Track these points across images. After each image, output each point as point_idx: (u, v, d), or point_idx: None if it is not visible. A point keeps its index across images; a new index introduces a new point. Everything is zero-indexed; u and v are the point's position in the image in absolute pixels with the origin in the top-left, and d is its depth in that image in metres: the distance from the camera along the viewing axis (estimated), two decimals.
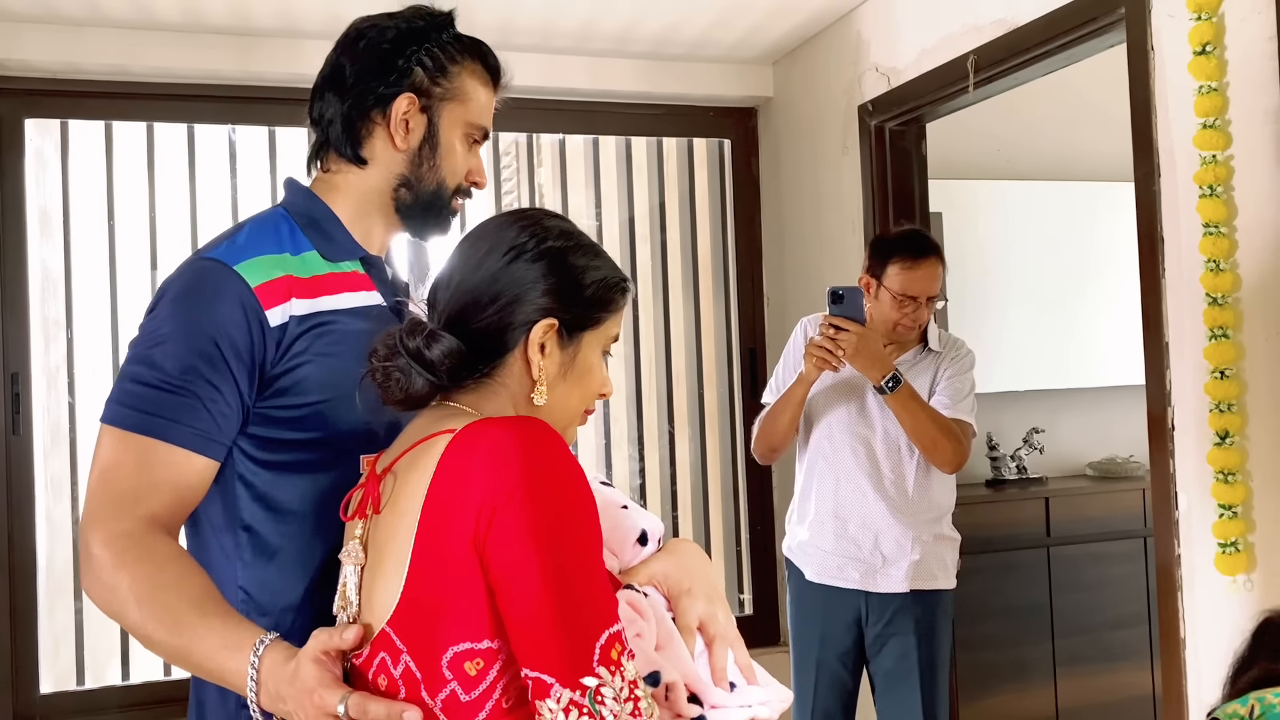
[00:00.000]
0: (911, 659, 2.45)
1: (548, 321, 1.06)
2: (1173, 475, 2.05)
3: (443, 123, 1.30)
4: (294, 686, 0.99)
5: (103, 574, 1.10)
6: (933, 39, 2.74)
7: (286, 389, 1.19)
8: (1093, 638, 3.62)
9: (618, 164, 3.57)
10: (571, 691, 0.89)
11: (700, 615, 1.11)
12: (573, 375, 1.10)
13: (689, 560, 1.16)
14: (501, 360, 1.07)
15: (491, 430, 0.96)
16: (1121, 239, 2.56)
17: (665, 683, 1.02)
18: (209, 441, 1.15)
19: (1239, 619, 1.93)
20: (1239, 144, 1.89)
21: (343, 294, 1.25)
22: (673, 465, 3.60)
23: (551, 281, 1.07)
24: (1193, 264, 1.97)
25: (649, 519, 1.17)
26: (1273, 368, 1.85)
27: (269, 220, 1.28)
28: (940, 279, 2.48)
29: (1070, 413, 4.05)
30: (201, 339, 1.15)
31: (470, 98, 1.31)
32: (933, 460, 2.42)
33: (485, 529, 0.92)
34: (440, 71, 1.29)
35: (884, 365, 2.36)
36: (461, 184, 1.34)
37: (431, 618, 0.95)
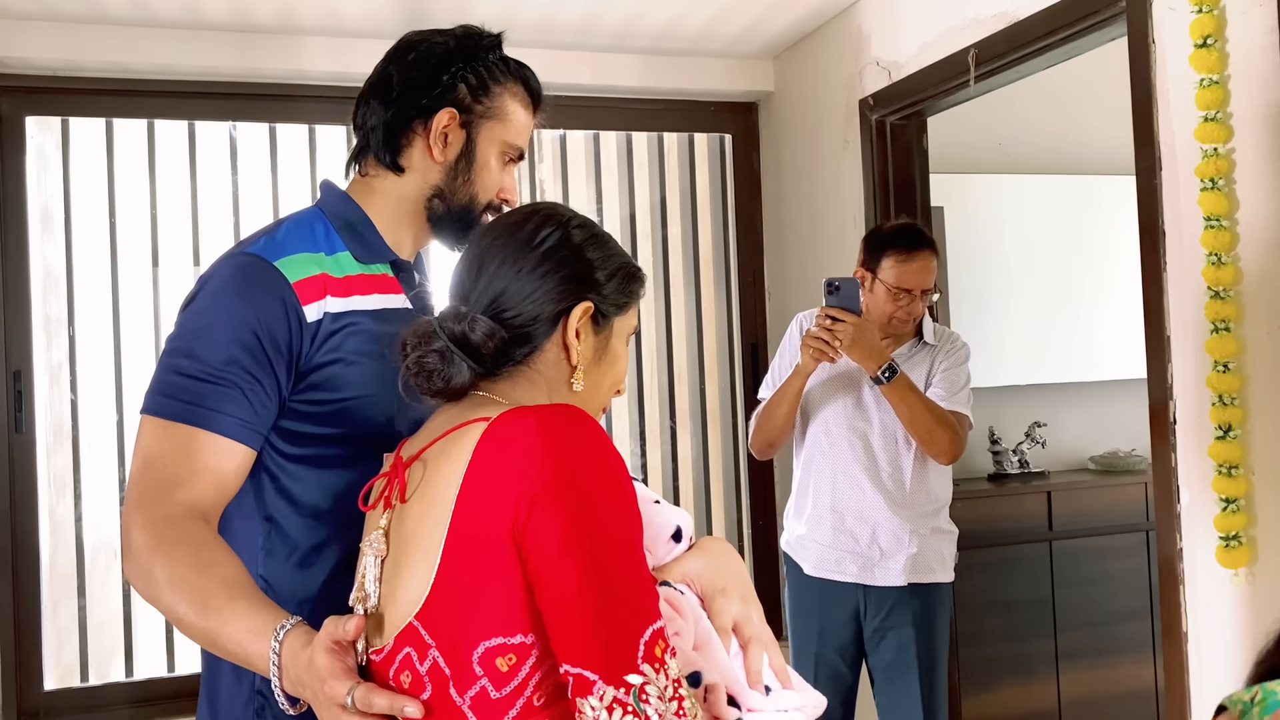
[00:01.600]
0: (910, 652, 2.45)
1: (585, 305, 1.06)
2: (1174, 469, 2.05)
3: (481, 139, 1.34)
4: (309, 674, 1.00)
5: (139, 557, 1.11)
6: (933, 33, 2.73)
7: (317, 384, 1.22)
8: (1095, 631, 3.62)
9: (619, 159, 3.57)
10: (615, 689, 0.86)
11: (735, 616, 1.10)
12: (605, 361, 1.11)
13: (723, 559, 1.14)
14: (538, 347, 1.07)
15: (529, 417, 0.93)
16: (1123, 233, 2.56)
17: (706, 684, 0.99)
18: (250, 430, 1.18)
19: (1240, 612, 1.93)
20: (1240, 137, 1.89)
21: (373, 295, 1.28)
22: (674, 460, 3.60)
23: (581, 269, 1.07)
24: (1194, 257, 1.96)
25: (681, 515, 1.15)
26: (1274, 361, 1.85)
27: (306, 220, 1.32)
28: (934, 272, 2.49)
29: (1072, 406, 4.05)
30: (243, 330, 1.18)
31: (509, 118, 1.35)
32: (929, 451, 2.42)
33: (524, 519, 0.89)
34: (483, 90, 1.33)
35: (880, 356, 2.37)
36: (493, 200, 1.37)
37: (463, 612, 0.92)
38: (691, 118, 3.59)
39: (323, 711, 0.98)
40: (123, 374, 3.04)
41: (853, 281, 2.41)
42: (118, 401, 3.03)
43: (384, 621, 1.00)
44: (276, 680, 1.02)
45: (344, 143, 3.22)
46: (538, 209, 1.13)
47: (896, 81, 2.89)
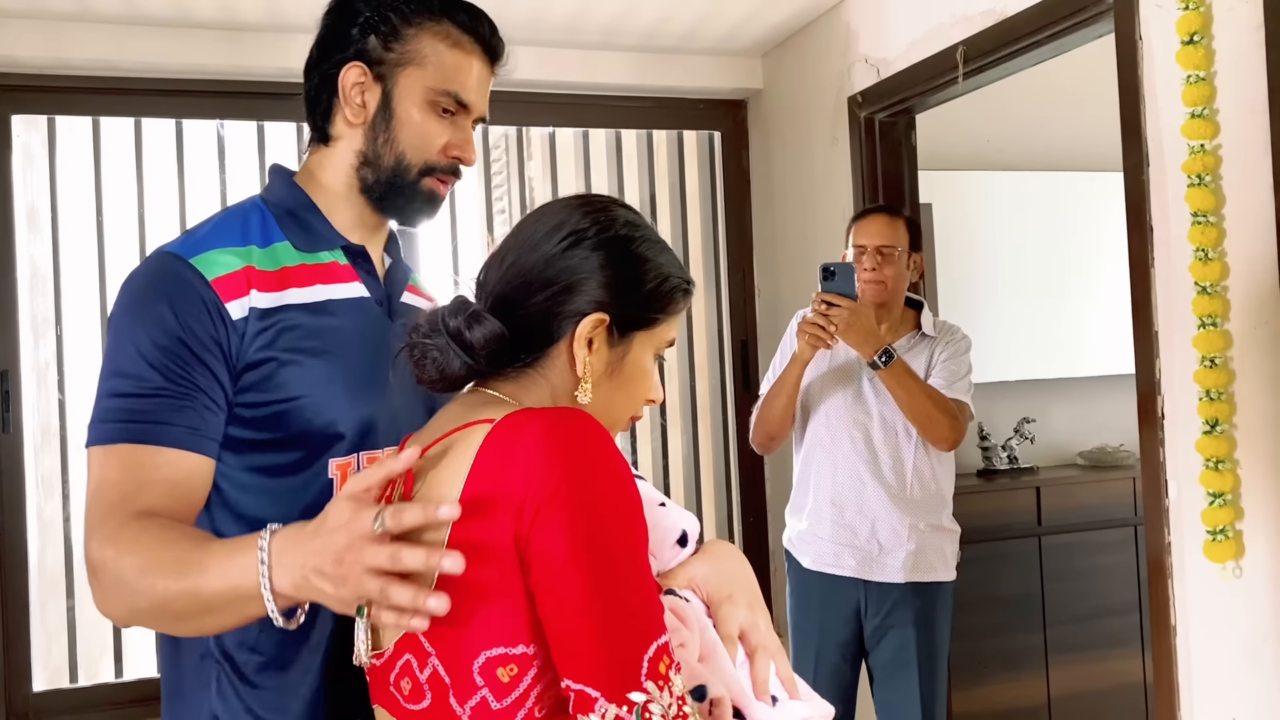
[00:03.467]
0: (910, 651, 2.45)
1: (598, 316, 1.00)
2: (1163, 463, 2.06)
3: (398, 91, 1.20)
4: (317, 536, 0.91)
5: (107, 570, 1.03)
6: (922, 30, 2.74)
7: (250, 386, 1.12)
8: (1084, 626, 3.64)
9: (608, 157, 3.56)
10: (617, 707, 0.83)
11: (742, 624, 1.06)
12: (620, 376, 1.03)
13: (729, 564, 1.10)
14: (546, 351, 1.01)
15: (536, 422, 0.89)
16: (1110, 229, 2.57)
17: (711, 698, 0.96)
18: (196, 437, 1.09)
19: (1229, 606, 1.94)
20: (1227, 133, 1.90)
21: (314, 286, 1.18)
22: (665, 458, 3.60)
23: (608, 273, 1.00)
24: (1182, 253, 1.97)
25: (688, 518, 1.11)
26: (1261, 356, 1.86)
27: (239, 212, 1.21)
28: (892, 231, 2.52)
29: (1061, 402, 4.07)
30: (166, 336, 1.09)
31: (431, 61, 1.20)
32: (929, 437, 2.42)
33: (528, 528, 0.86)
34: (393, 35, 1.19)
35: (876, 340, 2.37)
36: (434, 160, 1.22)
37: (464, 620, 0.88)
38: (681, 115, 3.59)
39: (345, 574, 0.89)
40: None
41: (848, 266, 2.41)
42: None
43: (385, 628, 0.97)
44: (265, 580, 0.93)
45: None
46: (587, 201, 1.05)
47: (885, 79, 2.90)
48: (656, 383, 1.08)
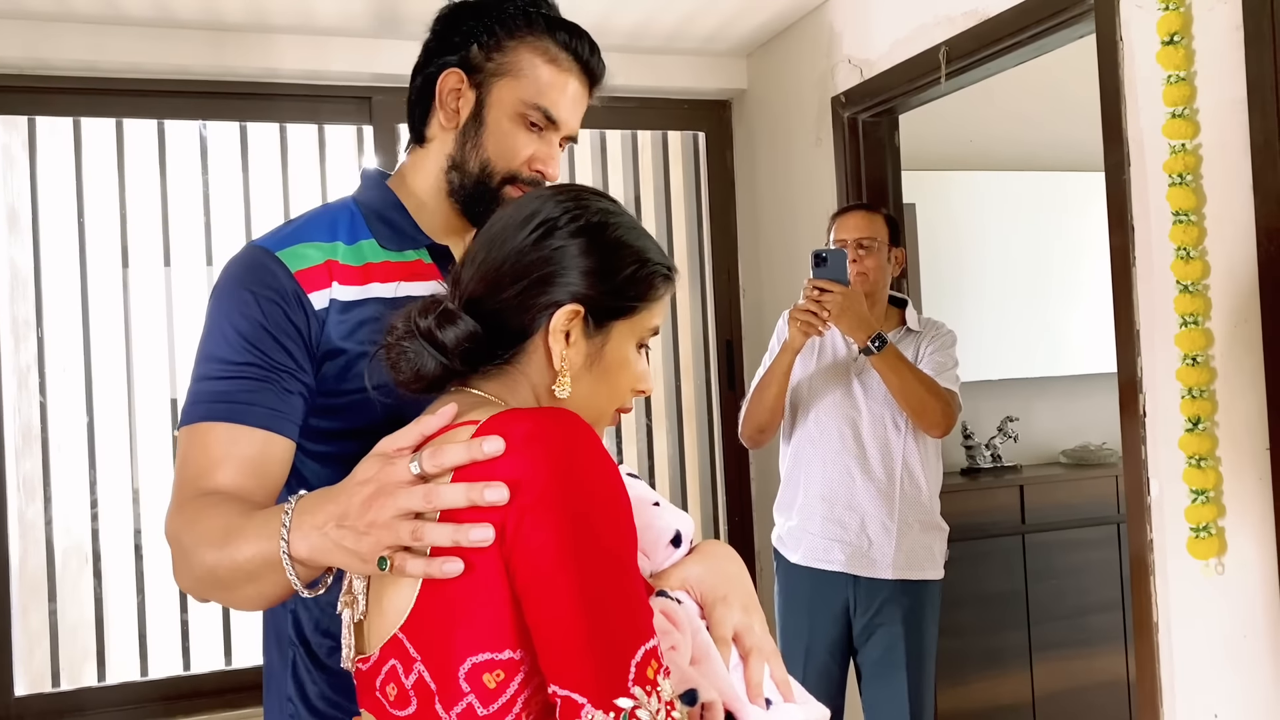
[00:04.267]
0: (899, 650, 2.46)
1: (572, 308, 0.97)
2: (1145, 461, 2.07)
3: (491, 100, 1.24)
4: (343, 492, 0.92)
5: (175, 542, 1.07)
6: (905, 30, 2.75)
7: (329, 375, 1.17)
8: (1067, 624, 3.66)
9: (593, 157, 3.56)
10: (604, 714, 0.82)
11: (736, 626, 1.05)
12: (600, 368, 1.01)
13: (724, 565, 1.09)
14: (522, 347, 0.99)
15: (520, 423, 0.87)
16: (1092, 228, 2.58)
17: (702, 701, 0.95)
18: (275, 417, 1.13)
19: (1211, 603, 1.95)
20: (1207, 133, 1.91)
21: (397, 283, 1.22)
22: (650, 458, 3.61)
23: (582, 262, 0.98)
24: (1163, 252, 1.99)
25: (682, 518, 1.10)
26: (1242, 353, 1.87)
27: (330, 210, 1.27)
28: (871, 225, 2.55)
29: (1044, 401, 4.09)
30: (249, 322, 1.14)
31: (527, 74, 1.23)
32: (922, 423, 2.43)
33: (513, 531, 0.84)
34: (495, 46, 1.23)
35: (869, 326, 2.38)
36: (517, 170, 1.25)
37: (449, 625, 0.87)
38: (665, 116, 3.59)
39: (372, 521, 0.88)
40: (93, 376, 3.01)
41: (840, 253, 2.42)
42: (88, 404, 3.00)
43: (370, 631, 0.96)
44: (285, 544, 0.94)
45: (315, 142, 3.20)
46: (560, 190, 1.04)
47: (868, 79, 2.91)
48: (644, 372, 1.06)
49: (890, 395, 2.45)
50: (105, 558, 3.01)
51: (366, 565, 0.91)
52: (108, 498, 3.02)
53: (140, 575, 3.03)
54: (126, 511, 3.03)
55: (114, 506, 3.02)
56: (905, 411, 2.43)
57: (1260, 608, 1.87)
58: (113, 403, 3.03)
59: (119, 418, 3.03)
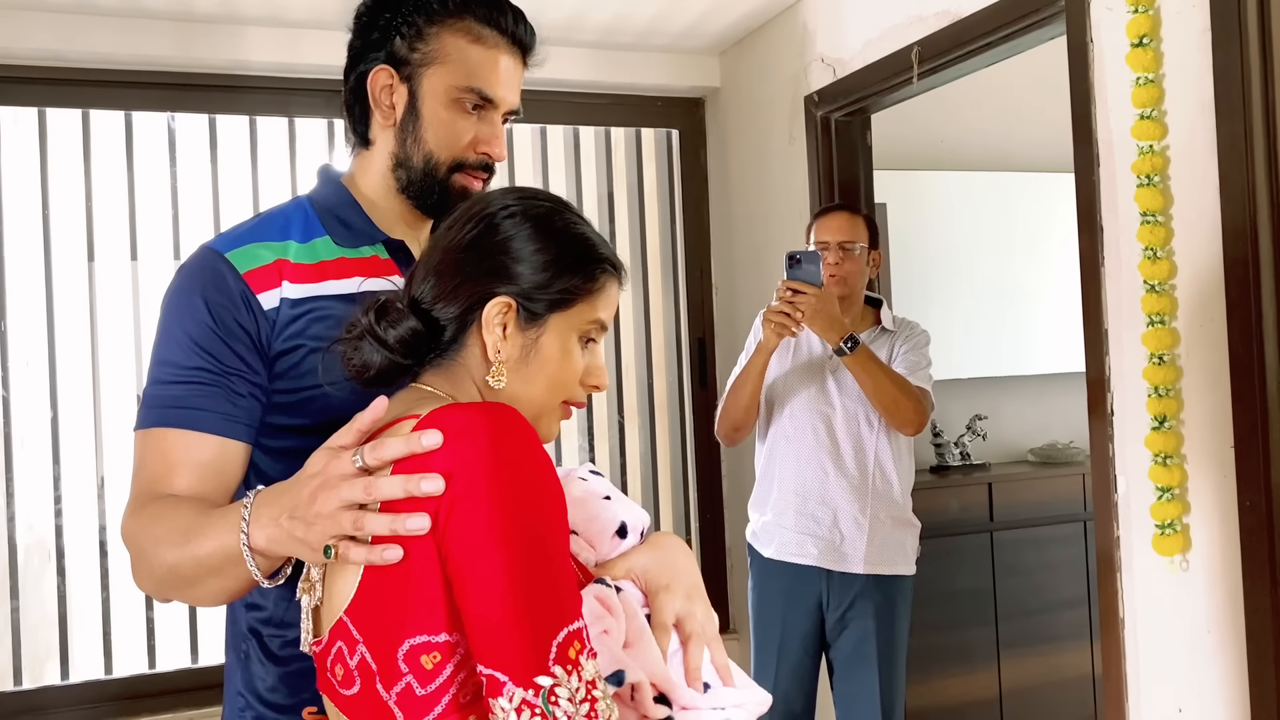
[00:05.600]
0: (870, 644, 2.49)
1: (503, 300, 1.01)
2: (1112, 459, 2.09)
3: (423, 90, 1.23)
4: (294, 485, 0.97)
5: (131, 545, 1.10)
6: (877, 30, 2.76)
7: (284, 372, 1.18)
8: (1034, 620, 3.69)
9: (565, 154, 3.56)
10: (524, 690, 0.86)
11: (678, 612, 1.08)
12: (537, 360, 1.04)
13: (671, 555, 1.12)
14: (462, 340, 1.04)
15: (456, 416, 0.91)
16: (1061, 228, 2.61)
17: (630, 682, 0.98)
18: (228, 422, 1.15)
19: (1176, 599, 1.98)
20: (1175, 134, 1.93)
21: (353, 279, 1.22)
22: (622, 454, 3.60)
23: (513, 256, 1.02)
24: (1131, 252, 2.01)
25: (632, 511, 1.13)
26: (1207, 353, 1.90)
27: (284, 210, 1.27)
28: (853, 228, 2.57)
29: (1012, 400, 4.12)
30: (199, 326, 1.15)
31: (453, 59, 1.22)
32: (894, 422, 2.46)
33: (445, 520, 0.88)
34: (417, 36, 1.22)
35: (842, 327, 2.40)
36: (462, 157, 1.24)
37: (388, 608, 0.92)
38: (639, 113, 3.59)
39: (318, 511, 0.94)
40: (56, 371, 2.97)
41: (813, 254, 2.44)
42: (51, 398, 2.95)
43: (323, 615, 1.00)
44: (245, 539, 0.99)
45: (285, 135, 3.17)
46: (503, 190, 1.08)
47: (841, 78, 2.92)
48: (594, 367, 1.08)
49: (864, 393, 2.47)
50: (69, 554, 2.97)
51: (315, 554, 0.96)
52: (72, 493, 2.98)
53: (105, 572, 2.99)
54: (91, 507, 2.99)
55: (78, 502, 2.98)
56: (878, 410, 2.46)
57: (1223, 603, 1.89)
58: (77, 397, 2.99)
59: (84, 413, 2.99)
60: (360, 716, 0.94)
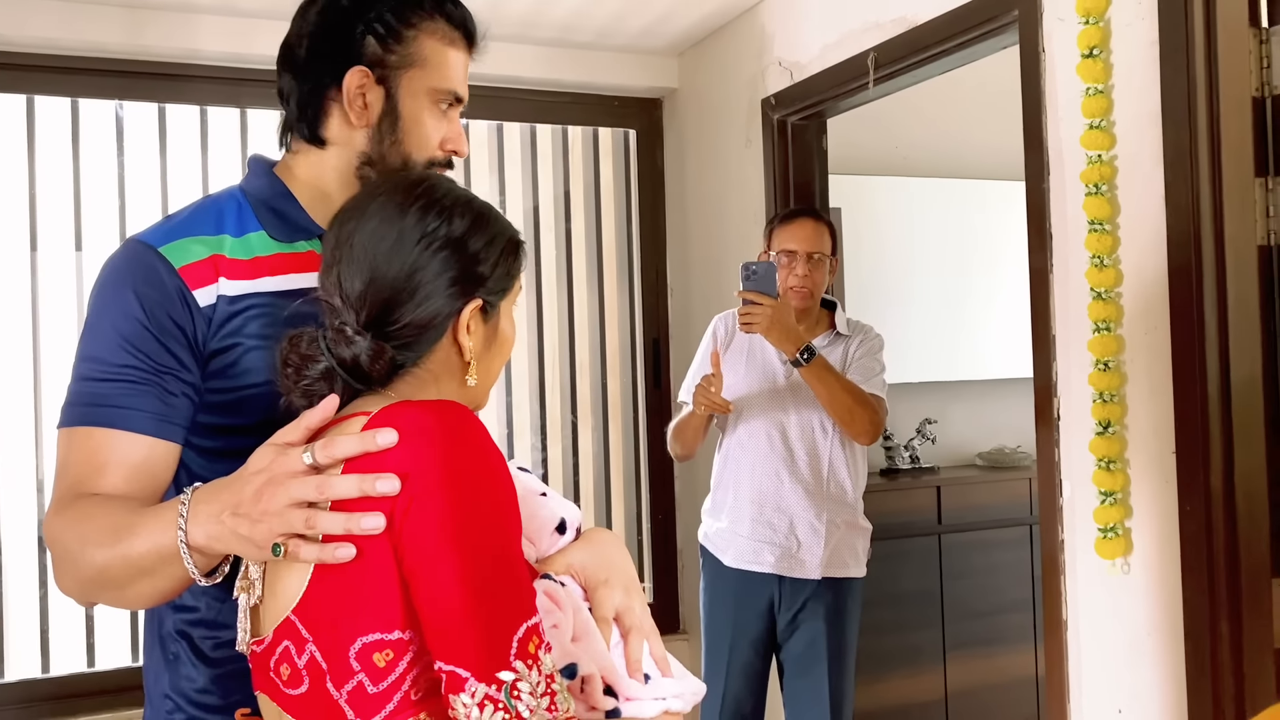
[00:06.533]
0: (821, 646, 2.50)
1: (475, 304, 1.04)
2: (1057, 463, 2.12)
3: (403, 93, 1.22)
4: (237, 481, 0.95)
5: (56, 546, 1.07)
6: (835, 35, 2.78)
7: (217, 371, 1.15)
8: (981, 622, 3.74)
9: (522, 151, 3.54)
10: (487, 686, 0.87)
11: (617, 606, 1.10)
12: (495, 346, 1.09)
13: (607, 550, 1.14)
14: (430, 351, 1.04)
15: (409, 414, 0.92)
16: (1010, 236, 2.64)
17: (582, 675, 1.01)
18: (157, 422, 1.11)
19: (1117, 601, 2.01)
20: (1123, 144, 1.97)
21: (289, 275, 1.19)
22: (575, 455, 3.60)
23: (468, 265, 1.04)
24: (1079, 259, 2.04)
25: (568, 507, 1.15)
26: (1151, 360, 1.93)
27: (215, 201, 1.23)
28: (820, 237, 2.57)
29: (961, 404, 4.17)
30: (131, 322, 1.12)
31: (431, 61, 1.22)
32: (850, 432, 2.48)
33: (402, 520, 0.89)
34: (394, 37, 1.20)
35: (798, 338, 2.41)
36: (433, 155, 1.25)
37: (340, 607, 0.92)
38: (596, 111, 3.58)
39: (265, 509, 0.93)
40: None
41: (769, 265, 2.45)
42: None
43: (264, 614, 0.99)
44: (182, 535, 0.97)
45: (238, 126, 3.13)
46: (415, 194, 1.05)
47: (798, 82, 2.94)
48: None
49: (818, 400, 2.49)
50: (6, 551, 2.90)
51: (261, 551, 0.94)
52: (9, 489, 2.91)
53: (43, 569, 2.92)
54: (29, 503, 2.92)
55: (15, 499, 2.91)
56: (834, 420, 2.47)
57: (1162, 606, 1.93)
58: (17, 392, 2.92)
59: (23, 407, 2.92)
60: (307, 716, 0.94)
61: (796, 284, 2.52)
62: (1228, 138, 1.82)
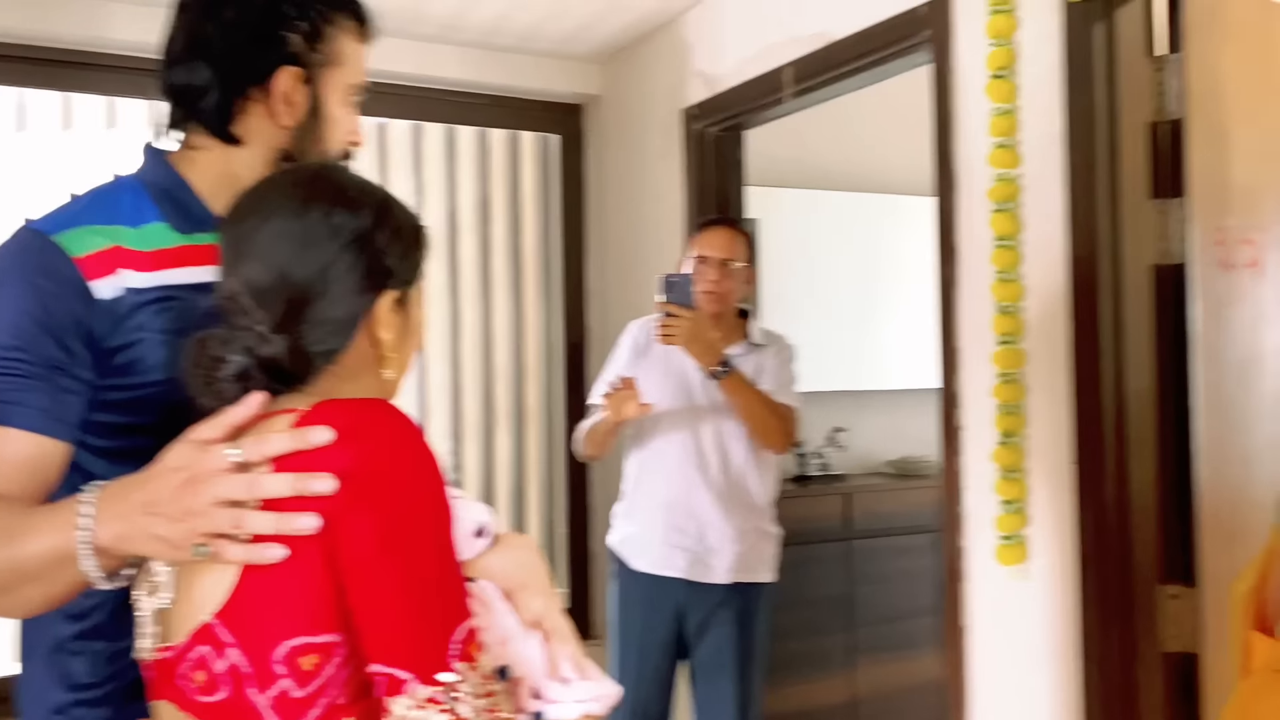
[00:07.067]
0: (729, 650, 2.53)
1: (390, 297, 1.03)
2: (960, 472, 2.18)
3: (325, 91, 1.21)
4: (153, 479, 0.91)
5: None
6: (754, 48, 2.82)
7: (123, 368, 1.10)
8: (889, 627, 3.81)
9: (443, 152, 3.51)
10: (429, 688, 0.86)
11: (536, 611, 1.10)
12: (408, 333, 1.08)
13: (524, 555, 1.13)
14: (347, 346, 1.02)
15: (345, 412, 0.90)
16: (919, 249, 2.71)
17: (511, 677, 1.01)
18: (47, 419, 1.05)
19: (1014, 607, 2.08)
20: (1028, 163, 2.03)
21: (191, 268, 1.14)
22: (491, 459, 3.57)
23: (378, 256, 1.02)
24: (984, 274, 2.10)
25: (482, 510, 1.14)
26: (1051, 373, 2.00)
27: (113, 189, 1.17)
28: (734, 245, 2.59)
29: (872, 413, 4.26)
30: (22, 314, 1.06)
31: (348, 59, 1.22)
32: (764, 443, 2.51)
33: (339, 518, 0.87)
34: (317, 36, 1.19)
35: (715, 352, 2.44)
36: (342, 149, 1.25)
37: (266, 610, 0.89)
38: (519, 115, 3.57)
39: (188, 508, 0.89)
40: None
41: (687, 278, 2.48)
42: None
43: (175, 618, 0.95)
44: (88, 536, 0.92)
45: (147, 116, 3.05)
46: (313, 191, 1.03)
47: (717, 94, 2.97)
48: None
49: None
50: None
51: (179, 552, 0.91)
52: None
53: None
54: None
55: None
56: (749, 431, 2.50)
57: (1060, 613, 1.99)
58: None
59: None
60: None
61: (707, 289, 2.55)
62: (1126, 161, 1.89)
